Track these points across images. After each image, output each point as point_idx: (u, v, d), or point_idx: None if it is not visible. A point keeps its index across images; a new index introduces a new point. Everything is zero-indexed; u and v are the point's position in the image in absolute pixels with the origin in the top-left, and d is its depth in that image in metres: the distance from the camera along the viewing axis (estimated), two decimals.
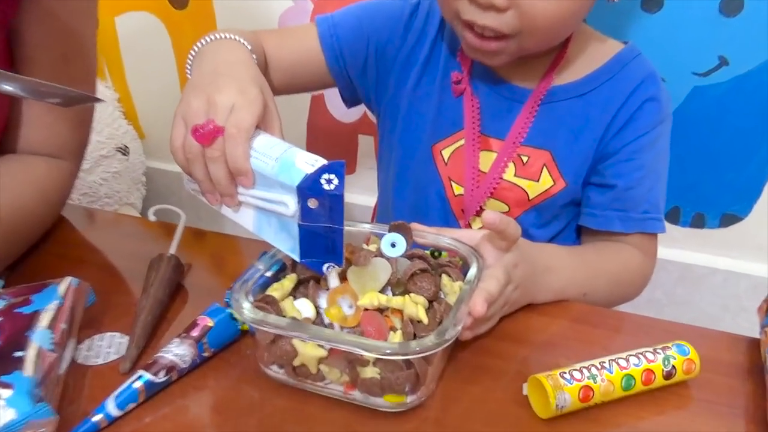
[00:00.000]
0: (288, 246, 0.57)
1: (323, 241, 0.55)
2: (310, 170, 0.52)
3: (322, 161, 0.53)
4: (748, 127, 1.08)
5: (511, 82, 0.79)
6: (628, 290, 0.81)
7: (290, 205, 0.53)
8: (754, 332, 0.63)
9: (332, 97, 1.37)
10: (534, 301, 0.68)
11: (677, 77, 1.07)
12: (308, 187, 0.52)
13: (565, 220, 0.84)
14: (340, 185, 0.52)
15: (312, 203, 0.52)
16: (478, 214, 0.82)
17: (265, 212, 0.57)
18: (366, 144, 1.39)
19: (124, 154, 1.49)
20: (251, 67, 0.66)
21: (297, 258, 0.57)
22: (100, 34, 1.55)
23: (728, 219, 1.17)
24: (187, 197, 0.67)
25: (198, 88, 0.59)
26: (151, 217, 0.83)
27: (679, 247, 1.21)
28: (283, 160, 0.54)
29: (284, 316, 0.56)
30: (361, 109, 1.37)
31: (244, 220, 0.60)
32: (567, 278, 0.70)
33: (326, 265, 0.56)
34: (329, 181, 0.51)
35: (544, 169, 0.79)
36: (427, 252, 0.64)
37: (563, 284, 0.70)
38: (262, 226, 0.59)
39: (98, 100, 0.68)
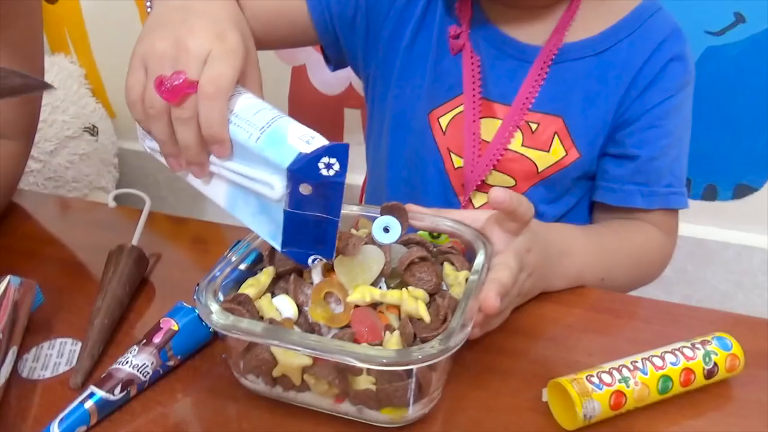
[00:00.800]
0: (267, 231, 0.48)
1: (312, 230, 0.46)
2: (306, 149, 0.43)
3: (320, 139, 0.44)
4: (766, 90, 1.00)
5: (516, 38, 0.70)
6: (647, 272, 0.74)
7: (276, 187, 0.44)
8: None
9: (315, 68, 1.27)
10: (548, 289, 0.60)
11: (689, 37, 0.98)
12: (302, 170, 0.42)
13: (577, 195, 0.76)
14: (342, 171, 0.43)
15: (304, 189, 0.43)
16: (480, 188, 0.73)
17: (241, 188, 0.48)
18: (352, 118, 1.29)
19: (93, 135, 1.39)
20: (229, 4, 0.55)
21: (278, 246, 0.48)
22: (61, 3, 1.43)
23: (742, 190, 1.10)
24: (164, 180, 0.58)
25: (164, 27, 0.49)
26: (111, 203, 0.74)
27: (689, 221, 1.14)
28: (270, 131, 0.45)
29: (261, 318, 0.48)
30: (346, 80, 1.27)
31: (214, 193, 0.51)
32: (584, 262, 0.63)
33: (312, 257, 0.48)
34: (329, 166, 0.42)
35: (556, 137, 0.70)
36: (425, 236, 0.56)
37: (580, 269, 0.62)
38: (237, 203, 0.50)
39: (46, 86, 0.58)
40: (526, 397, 0.49)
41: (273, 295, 0.50)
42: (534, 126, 0.71)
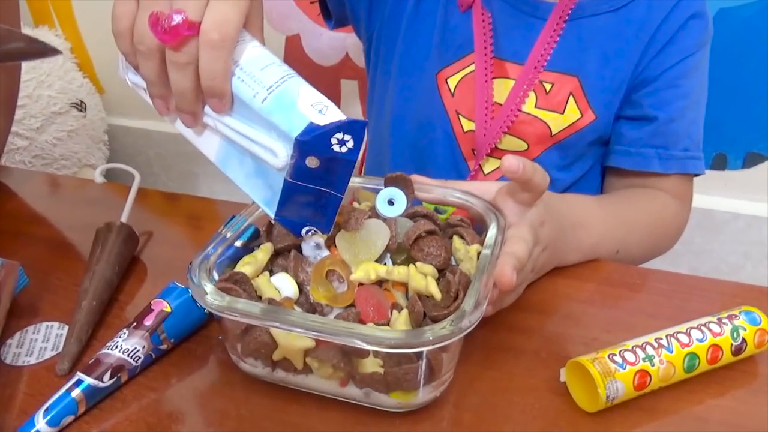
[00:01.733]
0: (261, 196, 0.44)
1: (312, 203, 0.43)
2: (317, 119, 0.38)
3: (334, 110, 0.39)
4: None
5: None
6: (662, 242, 0.71)
7: (280, 155, 0.40)
8: None
9: (310, 37, 1.22)
10: (562, 263, 0.57)
11: None
12: (312, 143, 0.38)
13: (590, 161, 0.73)
14: (356, 149, 0.39)
15: (311, 162, 0.40)
16: (492, 154, 0.70)
17: (237, 146, 0.43)
18: (349, 89, 1.25)
19: (81, 110, 1.34)
20: None
21: (271, 214, 0.44)
22: None
23: (753, 158, 1.07)
24: (155, 157, 0.54)
25: None
26: (98, 179, 0.70)
27: (697, 191, 1.10)
28: (279, 93, 0.40)
29: (259, 298, 0.44)
30: (342, 50, 1.22)
31: (205, 145, 0.46)
32: (599, 234, 0.60)
33: (306, 228, 0.45)
34: (342, 142, 0.39)
35: (571, 98, 0.67)
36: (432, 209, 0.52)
37: (594, 241, 0.59)
38: (230, 161, 0.45)
39: (55, 51, 0.52)
40: (542, 378, 0.46)
41: (272, 273, 0.47)
42: (548, 86, 0.67)
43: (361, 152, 0.95)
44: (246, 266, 0.46)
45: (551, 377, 0.46)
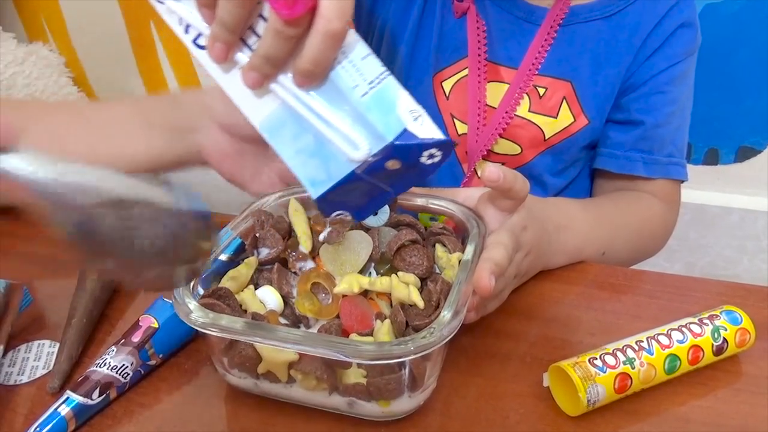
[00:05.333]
0: (308, 174, 0.42)
1: (362, 195, 0.42)
2: (412, 127, 0.38)
3: (428, 121, 0.39)
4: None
5: None
6: (649, 244, 0.71)
7: (362, 149, 0.39)
8: None
9: None
10: (548, 266, 0.58)
11: None
12: (405, 150, 0.38)
13: (580, 166, 0.73)
14: (439, 164, 0.40)
15: (393, 164, 0.39)
16: (486, 157, 0.70)
17: (301, 118, 0.41)
18: None
19: None
20: None
21: (314, 194, 0.42)
22: None
23: (745, 152, 1.07)
24: None
25: None
26: None
27: (690, 187, 1.10)
28: (380, 91, 0.39)
29: (245, 312, 0.45)
30: None
31: (252, 106, 0.42)
32: (583, 236, 0.60)
33: (337, 213, 0.44)
34: (432, 156, 0.39)
35: (564, 103, 0.68)
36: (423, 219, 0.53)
37: (579, 243, 0.59)
38: (282, 131, 0.42)
39: None
40: (526, 383, 0.47)
41: (257, 286, 0.48)
42: (542, 90, 0.68)
43: None
44: (230, 281, 0.47)
45: (535, 382, 0.46)
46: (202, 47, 0.41)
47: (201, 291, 0.45)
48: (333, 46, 0.38)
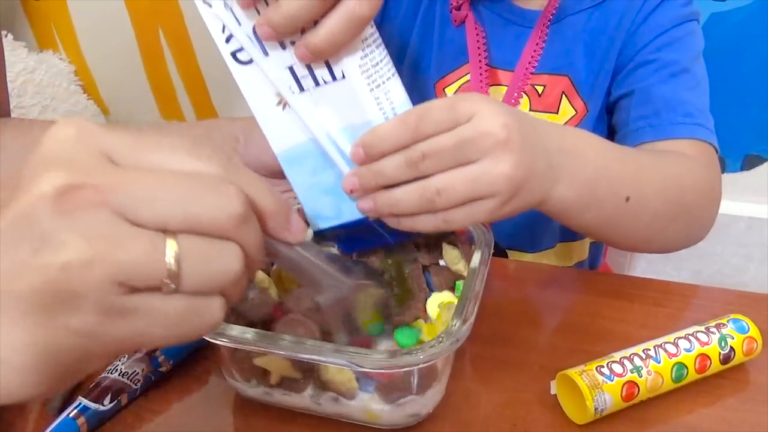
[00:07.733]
0: (317, 210, 0.43)
1: (359, 236, 0.45)
2: None
3: None
4: None
5: (518, 5, 0.68)
6: (693, 200, 0.56)
7: None
8: None
9: None
10: (549, 196, 0.45)
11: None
12: None
13: None
14: None
15: None
16: None
17: (324, 153, 0.41)
18: None
19: None
20: None
21: (314, 226, 0.44)
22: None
23: (751, 161, 1.07)
24: None
25: None
26: None
27: None
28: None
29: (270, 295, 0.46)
30: None
31: (278, 132, 0.42)
32: (598, 168, 0.48)
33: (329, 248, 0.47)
34: None
35: (564, 97, 0.68)
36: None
37: (592, 175, 0.47)
38: (301, 164, 0.42)
39: None
40: (533, 391, 0.47)
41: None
42: (540, 89, 0.69)
43: None
44: None
45: (543, 390, 0.47)
46: (240, 61, 0.39)
47: None
48: (350, 30, 0.37)
